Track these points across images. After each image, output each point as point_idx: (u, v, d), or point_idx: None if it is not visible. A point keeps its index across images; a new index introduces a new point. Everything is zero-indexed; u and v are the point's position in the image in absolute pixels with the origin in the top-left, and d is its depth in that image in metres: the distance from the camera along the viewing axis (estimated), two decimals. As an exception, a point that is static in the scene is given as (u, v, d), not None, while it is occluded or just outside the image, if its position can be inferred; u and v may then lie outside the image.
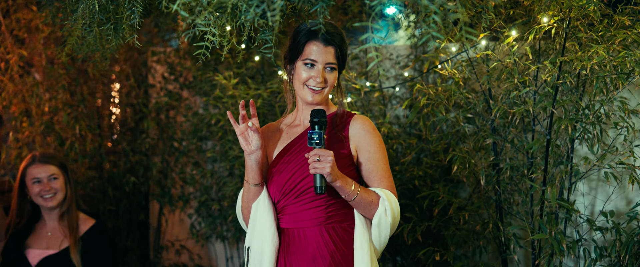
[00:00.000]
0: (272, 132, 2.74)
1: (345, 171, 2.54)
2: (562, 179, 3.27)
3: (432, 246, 3.60)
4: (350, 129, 2.60)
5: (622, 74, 2.96)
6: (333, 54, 2.53)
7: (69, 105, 4.46)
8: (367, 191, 2.52)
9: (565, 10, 3.01)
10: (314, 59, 2.53)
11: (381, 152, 2.59)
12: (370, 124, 2.61)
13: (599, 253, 3.22)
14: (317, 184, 2.41)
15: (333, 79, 2.56)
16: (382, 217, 2.51)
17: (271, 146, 2.71)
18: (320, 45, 2.51)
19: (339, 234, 2.56)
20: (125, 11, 2.49)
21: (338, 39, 2.52)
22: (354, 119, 2.61)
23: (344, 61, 2.58)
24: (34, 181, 3.50)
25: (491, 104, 3.35)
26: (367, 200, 2.50)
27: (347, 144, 2.58)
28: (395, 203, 2.54)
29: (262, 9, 1.67)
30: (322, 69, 2.53)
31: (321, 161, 2.38)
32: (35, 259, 3.49)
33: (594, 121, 3.13)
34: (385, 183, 2.58)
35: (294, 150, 2.61)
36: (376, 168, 2.58)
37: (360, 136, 2.58)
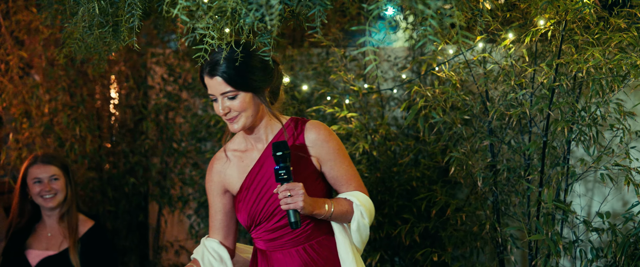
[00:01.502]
0: (224, 162, 2.62)
1: (314, 186, 2.51)
2: (558, 180, 3.29)
3: (429, 247, 3.62)
4: (306, 139, 2.53)
5: (617, 77, 2.99)
6: (222, 82, 2.38)
7: (68, 106, 4.48)
8: (340, 202, 2.50)
9: (562, 13, 3.03)
10: (211, 93, 2.44)
11: (342, 156, 2.55)
12: (325, 130, 2.54)
13: (596, 254, 3.24)
14: (292, 219, 2.35)
15: (241, 104, 2.41)
16: (359, 221, 2.52)
17: (228, 177, 2.60)
18: (208, 79, 2.41)
19: (321, 247, 2.54)
20: (124, 14, 2.51)
21: (220, 67, 2.37)
22: (308, 128, 2.53)
23: (245, 82, 2.40)
24: (35, 180, 3.51)
25: (488, 106, 3.38)
26: (342, 212, 2.49)
27: (309, 158, 2.52)
28: (368, 202, 2.55)
29: (261, 13, 1.69)
30: (222, 100, 2.42)
31: (293, 196, 2.33)
32: (35, 260, 3.51)
33: (590, 123, 3.15)
34: (353, 185, 2.56)
35: (258, 177, 2.53)
36: (341, 174, 2.55)
37: (319, 146, 2.52)
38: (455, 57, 3.44)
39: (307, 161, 2.52)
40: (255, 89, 2.44)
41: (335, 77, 3.88)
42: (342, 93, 3.92)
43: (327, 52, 4.59)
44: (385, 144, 3.97)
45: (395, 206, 3.88)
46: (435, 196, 3.53)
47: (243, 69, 2.38)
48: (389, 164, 3.94)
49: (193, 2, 1.82)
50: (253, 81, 2.42)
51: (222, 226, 2.65)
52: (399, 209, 3.91)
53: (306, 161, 2.52)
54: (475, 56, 3.32)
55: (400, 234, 3.71)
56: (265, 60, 2.39)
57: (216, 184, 2.62)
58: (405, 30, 4.16)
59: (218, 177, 2.62)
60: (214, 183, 2.63)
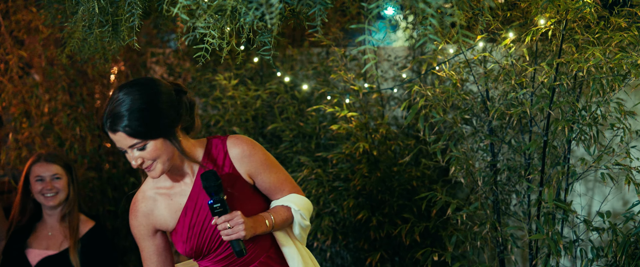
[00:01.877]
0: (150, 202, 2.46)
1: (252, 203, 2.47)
2: (559, 179, 3.29)
3: (430, 247, 3.62)
4: (231, 157, 2.44)
5: (618, 76, 2.98)
6: (126, 137, 2.23)
7: (68, 106, 4.48)
8: (278, 212, 2.48)
9: (562, 12, 3.03)
10: (119, 147, 2.29)
11: (270, 164, 2.49)
12: (247, 144, 2.46)
13: (596, 253, 3.24)
14: (236, 249, 2.32)
15: (153, 153, 2.27)
16: (301, 223, 2.53)
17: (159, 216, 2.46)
18: (111, 134, 2.26)
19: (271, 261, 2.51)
20: (124, 13, 2.50)
21: (118, 123, 2.22)
22: (230, 146, 2.44)
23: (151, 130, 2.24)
24: (37, 178, 3.52)
25: (488, 105, 3.37)
26: (282, 220, 2.48)
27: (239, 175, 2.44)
28: (304, 202, 2.54)
29: (261, 12, 1.69)
30: (131, 151, 2.27)
31: (233, 227, 2.28)
32: (35, 259, 3.50)
33: (591, 122, 3.15)
34: (287, 189, 2.53)
35: (195, 212, 2.42)
36: (273, 182, 2.50)
37: (246, 162, 2.44)
38: (455, 57, 3.44)
39: (238, 181, 2.45)
40: (164, 133, 2.28)
41: (335, 76, 3.87)
42: (342, 92, 3.92)
43: (327, 51, 4.59)
44: (385, 144, 3.96)
45: (396, 206, 3.87)
46: (436, 196, 3.52)
47: (146, 117, 2.23)
48: (389, 164, 3.94)
49: (193, 1, 1.82)
50: (160, 127, 2.27)
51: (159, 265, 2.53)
52: (399, 209, 3.91)
53: (238, 181, 2.45)
54: (475, 56, 3.32)
55: (401, 234, 3.71)
56: (169, 99, 2.28)
57: (145, 226, 2.47)
58: (405, 30, 4.16)
59: (146, 220, 2.46)
60: (142, 226, 2.47)
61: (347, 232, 4.04)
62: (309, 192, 3.87)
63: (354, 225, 4.00)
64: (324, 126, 4.16)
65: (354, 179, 3.84)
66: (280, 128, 4.21)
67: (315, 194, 3.86)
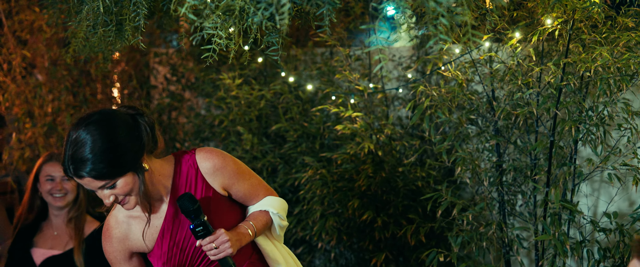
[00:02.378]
0: (125, 226, 2.40)
1: (230, 215, 2.43)
2: (565, 180, 3.27)
3: (435, 247, 3.60)
4: (203, 172, 2.38)
5: (626, 76, 2.97)
6: (93, 180, 2.15)
7: (71, 106, 4.46)
8: (257, 218, 2.46)
9: (569, 12, 3.02)
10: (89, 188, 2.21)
11: (242, 173, 2.45)
12: (217, 157, 2.40)
13: (603, 254, 3.22)
14: (228, 264, 2.30)
15: (124, 188, 2.20)
16: (280, 224, 2.53)
17: (135, 240, 2.40)
18: (78, 180, 2.17)
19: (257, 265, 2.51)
20: (129, 13, 2.49)
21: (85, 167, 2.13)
22: (199, 160, 2.38)
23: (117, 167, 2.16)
24: (48, 178, 3.50)
25: (494, 105, 3.36)
26: (263, 226, 2.47)
27: (213, 189, 2.39)
28: (279, 203, 2.54)
29: (270, 12, 1.67)
30: (101, 191, 2.20)
31: (219, 248, 2.25)
32: (39, 259, 3.49)
33: (598, 123, 3.13)
34: (261, 194, 2.52)
35: (173, 233, 2.37)
36: (247, 190, 2.48)
37: (218, 175, 2.39)
38: (461, 57, 3.42)
39: (214, 195, 2.40)
40: (131, 168, 2.21)
41: (340, 76, 3.86)
42: (347, 93, 3.90)
43: (331, 51, 4.57)
44: (390, 144, 3.95)
45: (401, 206, 3.86)
46: (441, 196, 3.51)
47: (110, 156, 2.14)
48: (394, 164, 3.93)
49: (201, 1, 1.80)
50: (126, 163, 2.19)
51: None
52: (404, 209, 3.89)
53: (214, 195, 2.40)
54: (481, 56, 3.30)
55: (406, 234, 3.69)
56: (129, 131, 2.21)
57: (120, 252, 2.42)
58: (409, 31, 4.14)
59: (121, 245, 2.41)
60: (117, 252, 2.42)
61: (351, 232, 4.02)
62: (314, 192, 3.86)
63: (359, 225, 3.99)
64: (328, 126, 4.15)
65: (358, 179, 3.83)
66: (284, 128, 4.19)
67: (320, 194, 3.84)
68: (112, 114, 2.23)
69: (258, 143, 4.31)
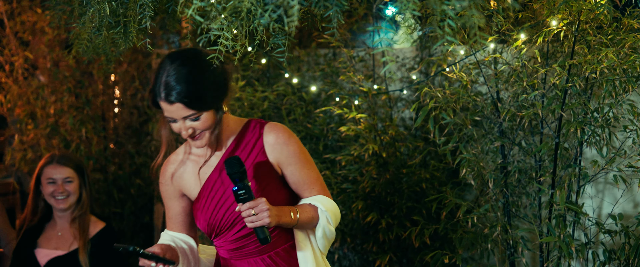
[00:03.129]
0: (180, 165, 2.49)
1: (276, 193, 2.41)
2: (570, 182, 3.26)
3: (439, 249, 3.60)
4: (265, 143, 2.41)
5: (631, 78, 2.96)
6: (183, 108, 2.24)
7: (74, 107, 4.46)
8: (305, 209, 2.39)
9: (575, 13, 3.01)
10: (170, 117, 2.29)
11: (303, 159, 2.43)
12: (283, 133, 2.42)
13: (608, 256, 3.22)
14: (261, 236, 2.25)
15: (204, 123, 2.29)
16: (325, 227, 2.42)
17: (185, 182, 2.49)
18: (166, 105, 2.26)
19: (284, 259, 2.45)
20: (135, 15, 2.48)
21: (179, 93, 2.23)
22: (266, 131, 2.42)
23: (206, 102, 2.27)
24: (49, 181, 3.49)
25: (499, 107, 3.35)
26: (308, 218, 2.39)
27: (268, 161, 2.41)
28: (333, 206, 2.45)
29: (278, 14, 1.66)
30: (183, 122, 2.29)
31: (257, 214, 2.22)
32: (44, 259, 3.49)
33: (603, 124, 3.12)
34: (316, 189, 2.45)
35: (216, 186, 2.42)
36: (302, 178, 2.43)
37: (278, 150, 2.40)
38: (466, 58, 3.42)
39: (267, 168, 2.41)
40: (216, 105, 2.31)
41: (344, 78, 3.85)
42: (350, 94, 3.90)
43: (335, 53, 4.56)
44: (394, 146, 3.94)
45: (405, 208, 3.85)
46: (446, 198, 3.50)
47: (202, 90, 2.25)
48: (398, 166, 3.92)
49: (207, 3, 1.79)
50: (213, 99, 2.29)
51: (185, 224, 2.53)
52: (408, 211, 3.88)
53: (266, 168, 2.41)
54: (486, 57, 3.30)
55: (410, 236, 3.68)
56: (218, 74, 2.30)
57: (172, 187, 2.50)
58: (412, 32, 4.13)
59: (173, 182, 2.50)
60: (169, 187, 2.51)
61: (355, 234, 4.01)
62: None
63: (363, 227, 3.98)
64: (332, 128, 4.14)
65: (362, 181, 3.82)
66: (287, 130, 4.18)
67: (324, 196, 3.83)
68: (206, 54, 2.27)
69: (261, 144, 4.30)
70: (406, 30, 4.12)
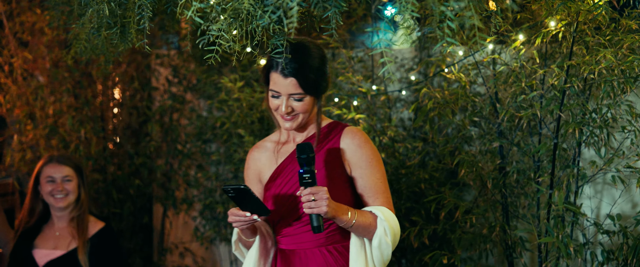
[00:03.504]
0: (262, 152, 2.64)
1: (341, 191, 2.45)
2: (568, 182, 3.27)
3: (438, 250, 3.60)
4: (342, 143, 2.49)
5: (629, 78, 2.97)
6: (295, 84, 2.37)
7: (73, 108, 4.46)
8: (364, 214, 2.41)
9: (573, 14, 3.01)
10: (277, 91, 2.41)
11: (375, 167, 2.48)
12: (361, 136, 2.50)
13: (606, 257, 3.22)
14: (315, 223, 2.29)
15: (304, 106, 2.42)
16: (382, 238, 2.41)
17: (263, 166, 2.62)
18: (280, 77, 2.38)
19: (342, 254, 2.48)
20: (133, 15, 2.49)
21: (298, 69, 2.36)
22: (345, 132, 2.51)
23: (315, 87, 2.41)
24: (48, 179, 3.51)
25: (498, 107, 3.36)
26: (365, 224, 2.39)
27: (340, 161, 2.49)
28: (394, 220, 2.44)
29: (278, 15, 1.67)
30: (287, 99, 2.41)
31: (317, 200, 2.26)
32: (42, 260, 3.49)
33: (601, 125, 3.13)
34: (380, 199, 2.48)
35: (287, 171, 2.52)
36: (370, 184, 2.48)
37: (352, 151, 2.48)
38: (465, 59, 3.42)
39: (336, 164, 2.48)
40: (319, 94, 2.46)
41: (342, 78, 3.85)
42: (349, 95, 3.90)
43: (333, 53, 4.57)
44: (393, 146, 3.94)
45: (403, 208, 3.86)
46: (444, 198, 3.50)
47: (316, 74, 2.39)
48: (397, 166, 3.92)
49: (207, 4, 1.80)
50: (321, 87, 2.44)
51: None
52: (407, 211, 3.89)
53: (336, 164, 2.48)
54: (485, 58, 3.30)
55: (409, 237, 3.68)
56: (328, 69, 2.47)
57: (253, 171, 2.65)
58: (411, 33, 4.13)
59: (254, 165, 2.65)
60: (251, 170, 2.66)
61: (354, 234, 4.01)
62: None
63: (361, 228, 3.97)
64: (331, 128, 4.13)
65: (361, 181, 3.81)
66: (286, 130, 4.18)
67: (322, 196, 3.83)
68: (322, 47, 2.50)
69: (260, 145, 4.30)
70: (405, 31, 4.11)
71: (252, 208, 2.32)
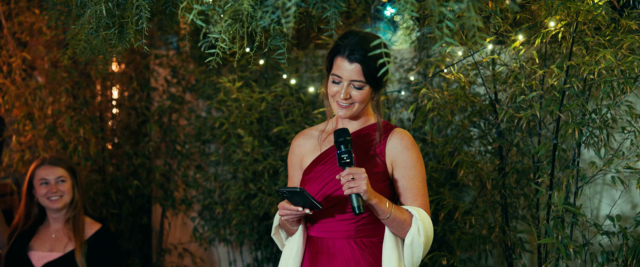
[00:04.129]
0: (307, 139, 2.71)
1: (378, 186, 2.48)
2: (568, 183, 3.26)
3: (437, 251, 3.59)
4: (388, 143, 2.55)
5: (629, 79, 2.96)
6: (358, 71, 2.42)
7: (72, 108, 4.45)
8: (400, 210, 2.45)
9: (573, 14, 3.01)
10: (339, 75, 2.46)
11: (417, 169, 2.53)
12: (408, 139, 2.56)
13: (606, 258, 3.21)
14: (355, 204, 2.34)
15: (362, 95, 2.47)
16: (415, 236, 2.44)
17: (306, 152, 2.68)
18: (345, 62, 2.43)
19: (369, 249, 2.52)
20: (132, 16, 2.48)
21: (364, 56, 2.41)
22: (393, 133, 2.56)
23: (375, 78, 2.45)
24: (42, 182, 3.50)
25: (497, 108, 3.35)
26: (400, 219, 2.43)
27: (382, 159, 2.54)
28: (428, 222, 2.48)
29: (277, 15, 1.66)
30: (347, 85, 2.46)
31: (356, 180, 2.32)
32: (39, 262, 3.48)
33: (601, 125, 3.12)
34: (419, 201, 2.52)
35: (328, 159, 2.58)
36: (411, 185, 2.52)
37: (397, 151, 2.53)
38: (464, 59, 3.41)
39: (378, 160, 2.54)
40: (378, 86, 2.51)
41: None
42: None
43: (332, 53, 4.55)
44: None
45: (403, 209, 3.84)
46: (443, 199, 3.50)
47: (378, 66, 2.42)
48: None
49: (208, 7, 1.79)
50: (380, 79, 2.46)
51: None
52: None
53: (377, 160, 2.54)
54: (484, 58, 3.29)
55: (408, 237, 3.67)
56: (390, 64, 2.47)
57: (296, 156, 2.71)
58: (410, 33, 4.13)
59: (298, 150, 2.71)
60: (294, 155, 2.72)
61: (353, 235, 4.00)
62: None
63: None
64: (330, 129, 4.12)
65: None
66: (285, 131, 4.18)
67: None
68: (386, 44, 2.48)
69: (259, 146, 4.29)
70: (404, 31, 4.11)
71: (305, 205, 2.40)
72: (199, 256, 5.07)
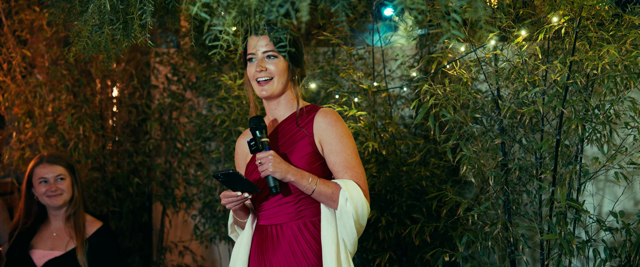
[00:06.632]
0: (246, 137, 2.78)
1: (311, 167, 2.57)
2: (571, 179, 3.26)
3: (440, 247, 3.59)
4: (314, 123, 2.61)
5: (633, 74, 2.96)
6: (268, 41, 2.53)
7: (72, 106, 4.44)
8: (326, 183, 2.54)
9: (576, 10, 3.00)
10: (252, 52, 2.57)
11: (344, 143, 2.59)
12: (332, 115, 2.62)
13: (609, 254, 3.21)
14: (271, 184, 2.49)
15: (278, 67, 2.58)
16: (342, 207, 2.52)
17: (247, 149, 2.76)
18: (254, 38, 2.55)
19: (310, 230, 2.59)
20: (136, 11, 2.47)
21: (270, 28, 2.50)
22: (318, 113, 2.62)
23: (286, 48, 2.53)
24: (41, 180, 3.49)
25: (500, 104, 3.34)
26: (327, 193, 2.52)
27: (312, 139, 2.60)
28: (357, 193, 2.53)
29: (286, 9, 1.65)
30: (261, 59, 2.57)
31: (263, 164, 2.46)
32: (40, 260, 3.47)
33: (604, 121, 3.12)
34: (349, 174, 2.58)
35: None
36: (339, 160, 2.58)
37: (322, 129, 2.59)
38: (466, 55, 3.41)
39: (306, 142, 2.60)
40: (292, 59, 2.59)
41: (344, 75, 3.84)
42: (350, 92, 3.88)
43: (334, 50, 4.55)
44: (394, 143, 3.93)
45: (405, 206, 3.84)
46: (446, 195, 3.49)
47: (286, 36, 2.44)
48: (398, 163, 3.91)
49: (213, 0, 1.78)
50: (294, 54, 2.57)
51: None
52: (408, 209, 3.87)
53: (305, 142, 2.60)
54: (487, 54, 3.29)
55: (410, 234, 3.67)
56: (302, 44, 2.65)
57: (240, 156, 2.81)
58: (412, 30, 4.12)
59: (240, 150, 2.80)
60: (238, 156, 2.82)
61: (355, 232, 3.99)
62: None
63: (362, 225, 3.96)
64: (332, 126, 4.11)
65: (362, 179, 3.80)
66: (287, 128, 4.16)
67: (324, 194, 3.81)
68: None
69: (260, 143, 4.28)
70: (408, 27, 4.11)
71: (243, 188, 2.49)
72: (199, 254, 5.06)
